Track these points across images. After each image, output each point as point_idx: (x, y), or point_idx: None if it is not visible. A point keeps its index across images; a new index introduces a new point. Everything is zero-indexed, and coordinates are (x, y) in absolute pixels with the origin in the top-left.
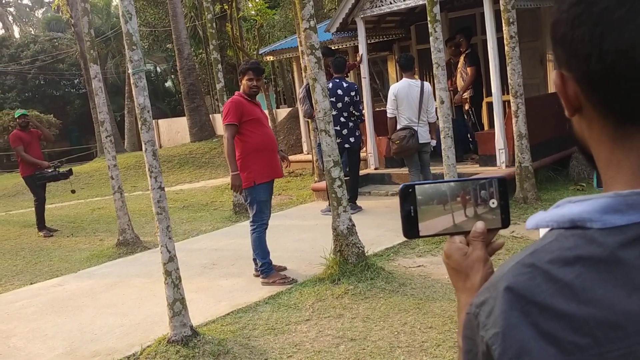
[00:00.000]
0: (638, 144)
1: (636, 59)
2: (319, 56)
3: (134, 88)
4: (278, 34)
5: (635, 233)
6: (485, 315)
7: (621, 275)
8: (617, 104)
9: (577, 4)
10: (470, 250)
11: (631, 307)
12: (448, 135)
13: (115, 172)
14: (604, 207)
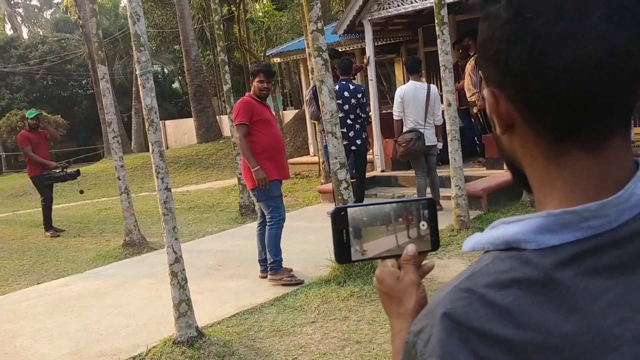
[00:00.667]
0: (572, 162)
1: (577, 75)
2: (326, 58)
3: (142, 89)
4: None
5: (568, 253)
6: (423, 344)
7: (557, 297)
8: (555, 122)
9: (513, 21)
10: (403, 274)
11: (568, 329)
12: (455, 138)
13: (122, 173)
14: (538, 227)
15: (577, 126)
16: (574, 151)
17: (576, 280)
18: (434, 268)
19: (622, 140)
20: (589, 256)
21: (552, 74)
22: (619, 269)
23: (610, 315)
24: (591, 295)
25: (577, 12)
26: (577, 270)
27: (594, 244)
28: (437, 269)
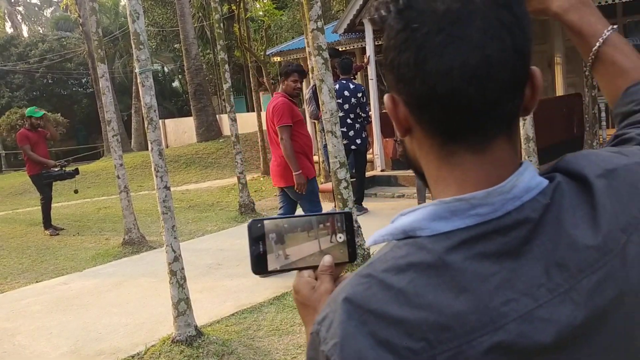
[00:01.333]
0: (461, 161)
1: (454, 81)
2: (326, 57)
3: (141, 87)
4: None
5: (459, 238)
6: (326, 330)
7: (448, 278)
8: (441, 125)
9: (403, 30)
10: (319, 284)
11: (459, 308)
12: None
13: (122, 172)
14: (431, 215)
15: (461, 129)
16: (461, 152)
17: (466, 263)
18: None
19: (506, 143)
20: (478, 242)
21: (434, 78)
22: (505, 254)
23: (498, 296)
24: (480, 278)
25: (455, 24)
26: (467, 254)
27: (481, 231)
28: None
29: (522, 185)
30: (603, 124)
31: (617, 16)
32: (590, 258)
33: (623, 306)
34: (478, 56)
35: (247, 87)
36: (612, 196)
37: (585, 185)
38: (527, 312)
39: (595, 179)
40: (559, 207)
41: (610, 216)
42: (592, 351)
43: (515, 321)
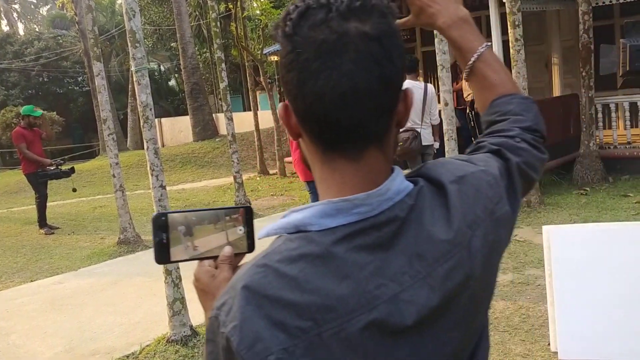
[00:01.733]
0: (339, 167)
1: (326, 103)
2: None
3: (137, 86)
4: None
5: (343, 232)
6: (225, 314)
7: (334, 267)
8: (319, 136)
9: (290, 53)
10: (218, 273)
11: (342, 292)
12: (452, 138)
13: (117, 171)
14: (320, 213)
15: (335, 141)
16: (338, 159)
17: (347, 254)
18: None
19: (378, 152)
20: (357, 236)
21: (310, 99)
22: (378, 246)
23: (372, 281)
24: (358, 266)
25: (330, 53)
26: (349, 246)
27: (361, 227)
28: None
29: (395, 189)
30: (599, 124)
31: (615, 17)
32: (444, 250)
33: (469, 288)
34: (347, 84)
35: (243, 87)
36: (461, 199)
37: (441, 189)
38: (393, 295)
39: (449, 184)
40: (421, 207)
41: (460, 215)
42: (447, 327)
43: (385, 302)
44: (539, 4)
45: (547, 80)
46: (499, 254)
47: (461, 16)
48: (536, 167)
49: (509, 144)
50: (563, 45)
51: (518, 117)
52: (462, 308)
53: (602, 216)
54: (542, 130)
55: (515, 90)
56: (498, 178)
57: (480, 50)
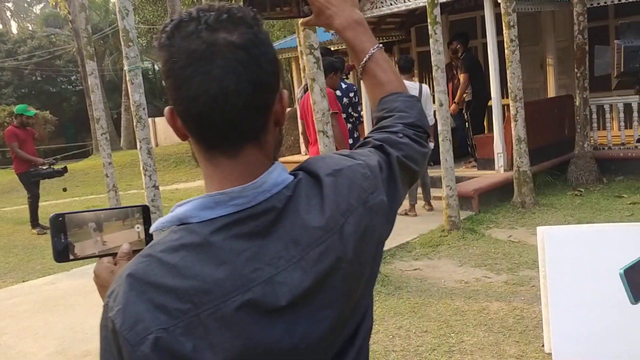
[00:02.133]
0: (219, 164)
1: (200, 105)
2: (318, 56)
3: (130, 85)
4: (277, 34)
5: (220, 223)
6: (113, 300)
7: (212, 254)
8: (199, 136)
9: (167, 61)
10: (117, 269)
11: (218, 276)
12: (446, 138)
13: (110, 170)
14: (200, 206)
15: (214, 139)
16: (218, 156)
17: (225, 242)
18: (425, 268)
19: (256, 149)
20: (235, 225)
21: (186, 102)
22: (255, 234)
23: (248, 266)
24: (235, 252)
25: (201, 61)
26: (226, 235)
27: (238, 217)
28: (428, 269)
29: (271, 182)
30: (594, 125)
31: (610, 18)
32: (316, 235)
33: (341, 270)
34: (217, 87)
35: None
36: (335, 189)
37: (318, 181)
38: (269, 277)
39: (324, 177)
40: (298, 198)
41: (332, 204)
42: (320, 305)
43: (260, 284)
44: (533, 4)
45: (542, 81)
46: (375, 239)
47: (356, 19)
48: (417, 160)
49: (391, 139)
50: (558, 46)
51: (402, 113)
52: (335, 288)
53: (596, 217)
54: (425, 126)
55: (402, 89)
56: (376, 170)
57: (371, 51)
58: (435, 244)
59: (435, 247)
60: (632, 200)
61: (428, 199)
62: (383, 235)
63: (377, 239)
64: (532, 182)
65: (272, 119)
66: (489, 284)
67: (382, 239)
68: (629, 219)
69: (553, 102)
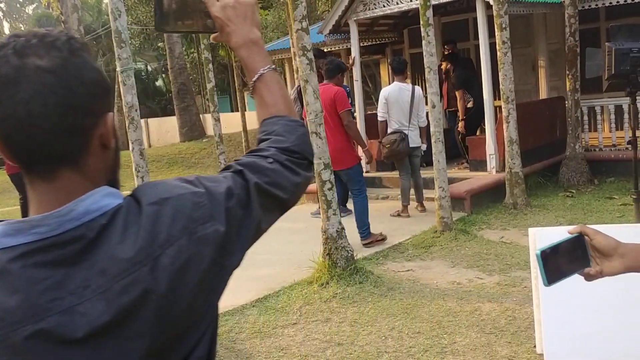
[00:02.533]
0: (37, 187)
1: (8, 128)
2: (311, 58)
3: (122, 86)
4: (271, 35)
5: (20, 251)
6: None
7: (7, 282)
8: (16, 158)
9: None
10: None
11: (10, 304)
12: (439, 140)
13: None
14: (2, 233)
15: (28, 162)
16: (35, 179)
17: (22, 270)
18: (418, 269)
19: (74, 174)
20: (36, 253)
21: None
22: (61, 263)
23: (46, 295)
24: (33, 281)
25: (8, 85)
26: (25, 263)
27: (40, 245)
28: (420, 270)
29: (81, 209)
30: (585, 127)
31: (601, 20)
32: (123, 267)
33: (151, 302)
34: (23, 110)
35: (231, 87)
36: (155, 219)
37: (140, 209)
38: (69, 307)
39: (146, 206)
40: (114, 227)
41: (147, 235)
42: (128, 337)
43: (57, 314)
44: (525, 7)
45: (533, 83)
46: (201, 271)
47: (252, 38)
48: (285, 187)
49: (257, 164)
50: (549, 48)
51: (279, 137)
52: (146, 320)
53: (587, 218)
54: (304, 151)
55: (287, 113)
56: (218, 199)
57: (261, 71)
58: (427, 245)
59: (428, 248)
60: (622, 201)
61: (420, 200)
62: (218, 266)
63: (205, 270)
64: (524, 184)
65: (96, 142)
66: (481, 285)
67: (217, 270)
68: (619, 220)
69: (545, 104)
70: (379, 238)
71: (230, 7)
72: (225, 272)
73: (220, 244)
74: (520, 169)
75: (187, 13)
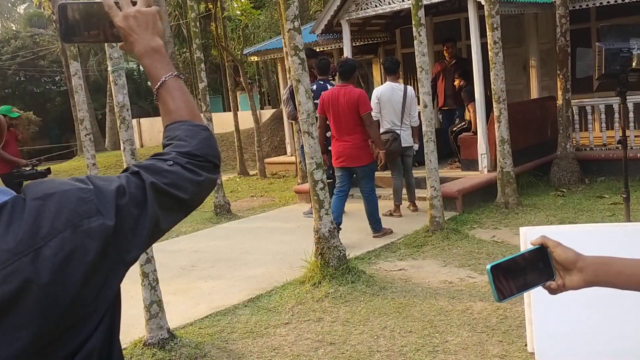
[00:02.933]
0: None
1: None
2: (303, 57)
3: (113, 86)
4: (263, 35)
5: None
6: None
7: None
8: None
9: None
10: None
11: None
12: (430, 140)
13: (95, 171)
14: None
15: None
16: None
17: None
18: (410, 269)
19: None
20: None
21: None
22: None
23: None
24: None
25: None
26: None
27: None
28: (412, 269)
29: None
30: (576, 126)
31: (592, 20)
32: (4, 257)
33: (32, 293)
34: None
35: (223, 87)
36: (39, 213)
37: (24, 205)
38: None
39: (30, 201)
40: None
41: (29, 227)
42: (13, 326)
43: None
44: (517, 7)
45: (525, 83)
46: (86, 263)
47: (153, 46)
48: (184, 188)
49: (156, 167)
50: (541, 48)
51: (181, 142)
52: (29, 310)
53: (578, 217)
54: (206, 154)
55: (189, 117)
56: (108, 196)
57: (163, 78)
58: (419, 245)
59: (420, 248)
60: (613, 200)
61: (413, 200)
62: (110, 259)
63: (91, 262)
64: (515, 183)
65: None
66: (472, 284)
67: (108, 264)
68: (610, 219)
69: (536, 104)
70: (388, 232)
71: (132, 17)
72: (119, 267)
73: (109, 238)
74: (512, 169)
75: (92, 23)
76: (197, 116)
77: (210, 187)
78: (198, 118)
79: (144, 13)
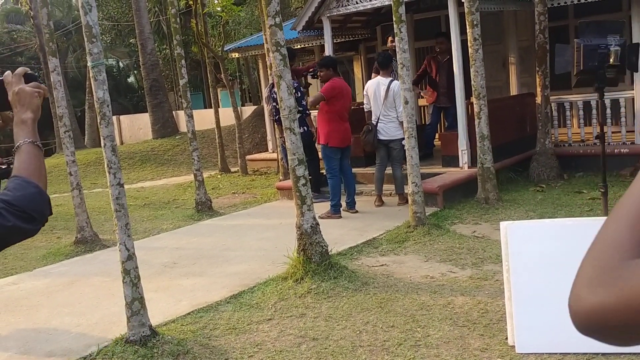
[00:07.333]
0: None
1: None
2: (285, 53)
3: (93, 82)
4: (244, 31)
5: None
6: None
7: None
8: None
9: None
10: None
11: None
12: (412, 136)
13: (74, 169)
14: None
15: None
16: None
17: None
18: (392, 264)
19: None
20: None
21: None
22: None
23: None
24: None
25: None
26: None
27: None
28: (394, 264)
29: None
30: (555, 123)
31: (570, 17)
32: None
33: None
34: None
35: (204, 84)
36: None
37: None
38: None
39: None
40: None
41: None
42: None
43: None
44: (496, 4)
45: (504, 79)
46: None
47: (23, 118)
48: None
49: None
50: (520, 45)
51: (7, 192)
52: None
53: (557, 212)
54: (24, 206)
55: (26, 175)
56: None
57: (19, 143)
58: (401, 240)
59: (402, 243)
60: (591, 195)
61: (399, 192)
62: None
63: None
64: (495, 179)
65: None
66: (454, 279)
67: None
68: (588, 213)
69: (515, 100)
70: (334, 217)
71: (15, 94)
72: None
73: None
74: (492, 165)
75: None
76: (39, 177)
77: (19, 234)
78: (35, 178)
79: (21, 92)
